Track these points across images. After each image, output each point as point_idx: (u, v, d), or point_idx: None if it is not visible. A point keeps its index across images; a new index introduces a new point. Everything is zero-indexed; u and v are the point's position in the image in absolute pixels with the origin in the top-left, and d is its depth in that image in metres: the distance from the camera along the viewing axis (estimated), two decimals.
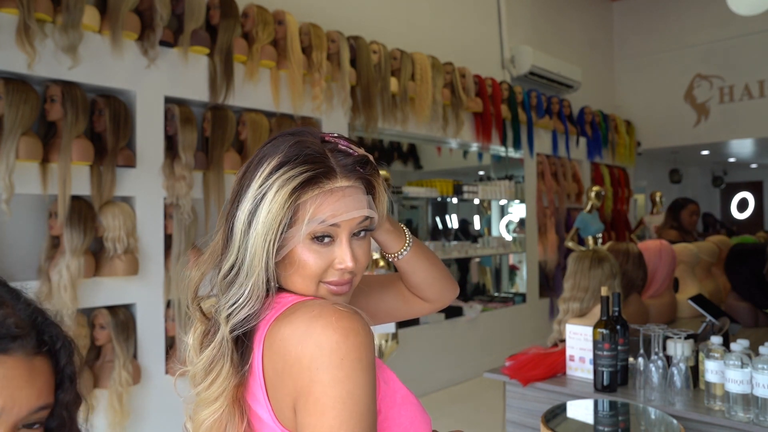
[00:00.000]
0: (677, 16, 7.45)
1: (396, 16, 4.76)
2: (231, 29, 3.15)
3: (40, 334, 0.65)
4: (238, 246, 0.76)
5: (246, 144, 3.25)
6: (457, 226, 6.13)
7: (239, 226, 0.76)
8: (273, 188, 0.74)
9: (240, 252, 0.76)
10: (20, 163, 2.43)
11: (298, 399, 0.68)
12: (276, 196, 0.74)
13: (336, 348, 0.67)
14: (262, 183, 0.75)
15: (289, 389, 0.70)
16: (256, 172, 0.77)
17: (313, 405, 0.66)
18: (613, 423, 1.66)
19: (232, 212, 0.78)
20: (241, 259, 0.76)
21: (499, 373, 2.09)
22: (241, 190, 0.78)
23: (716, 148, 8.31)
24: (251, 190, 0.76)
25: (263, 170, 0.76)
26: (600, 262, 2.24)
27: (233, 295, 0.76)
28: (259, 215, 0.74)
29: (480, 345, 4.96)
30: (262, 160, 0.78)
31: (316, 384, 0.66)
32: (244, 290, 0.75)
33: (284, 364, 0.70)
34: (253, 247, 0.75)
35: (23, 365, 0.62)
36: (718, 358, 1.69)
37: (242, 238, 0.76)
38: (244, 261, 0.76)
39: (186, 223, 2.90)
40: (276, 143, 0.79)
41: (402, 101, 4.24)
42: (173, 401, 2.91)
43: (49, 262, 2.53)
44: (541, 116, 5.75)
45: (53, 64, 2.54)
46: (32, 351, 0.63)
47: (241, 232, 0.76)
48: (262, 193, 0.75)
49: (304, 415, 0.67)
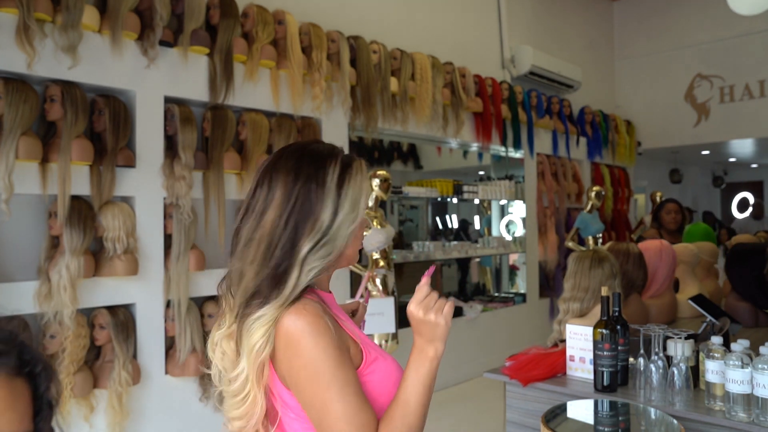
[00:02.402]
0: (677, 16, 7.45)
1: (396, 16, 4.76)
2: (231, 29, 3.14)
3: (21, 353, 0.60)
4: (327, 226, 0.96)
5: (246, 144, 3.25)
6: (457, 226, 6.13)
7: (327, 214, 0.95)
8: (355, 172, 1.00)
9: (331, 231, 0.96)
10: (20, 163, 2.43)
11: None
12: (358, 177, 1.00)
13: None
14: (340, 180, 0.98)
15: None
16: (325, 163, 0.98)
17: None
18: (613, 423, 1.66)
19: (316, 197, 0.96)
20: (335, 229, 0.97)
21: (499, 373, 2.09)
22: (318, 179, 0.97)
23: (716, 148, 8.31)
24: (329, 187, 0.97)
25: (331, 171, 0.98)
26: (600, 262, 2.23)
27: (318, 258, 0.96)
28: (349, 194, 0.98)
29: (480, 345, 4.96)
30: (318, 165, 0.98)
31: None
32: (331, 255, 0.97)
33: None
34: (340, 224, 0.97)
35: (5, 386, 0.57)
36: (718, 358, 1.68)
37: (332, 220, 0.96)
38: (337, 231, 0.97)
39: (186, 223, 2.89)
40: (320, 152, 1.01)
41: (402, 101, 4.23)
42: (173, 401, 2.91)
43: (49, 262, 2.53)
44: (541, 116, 5.75)
45: (53, 63, 2.54)
46: (13, 371, 0.58)
47: (330, 218, 0.96)
48: (348, 177, 0.99)
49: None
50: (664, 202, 4.64)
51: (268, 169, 1.00)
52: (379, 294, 3.49)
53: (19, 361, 0.59)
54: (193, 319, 2.90)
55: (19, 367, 0.59)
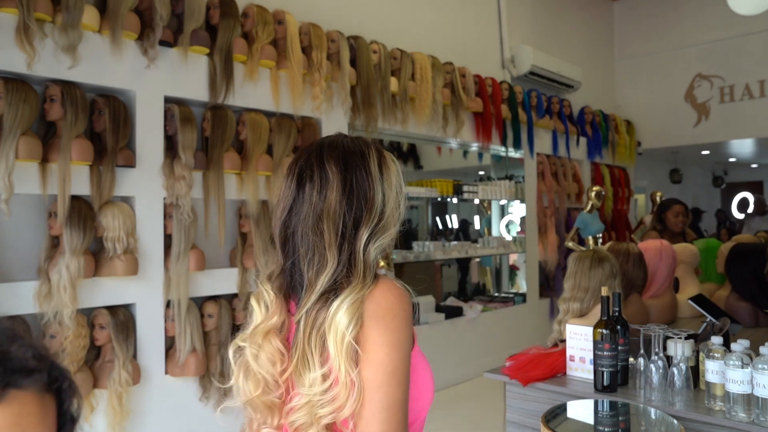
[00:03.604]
0: (677, 16, 7.45)
1: (396, 16, 4.76)
2: (231, 29, 3.14)
3: (51, 370, 0.61)
4: (381, 210, 0.99)
5: (246, 144, 3.25)
6: (457, 226, 6.13)
7: (379, 199, 0.99)
8: (389, 163, 1.03)
9: (385, 214, 1.00)
10: (20, 162, 2.43)
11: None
12: (393, 167, 1.03)
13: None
14: (380, 168, 1.01)
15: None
16: (365, 162, 1.00)
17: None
18: (613, 423, 1.66)
19: (368, 186, 0.99)
20: (389, 213, 1.01)
21: (499, 373, 2.09)
22: (366, 168, 1.00)
23: (716, 148, 8.31)
24: (375, 174, 1.00)
25: (372, 160, 1.01)
26: (600, 262, 2.23)
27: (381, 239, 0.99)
28: (391, 190, 1.01)
29: (480, 345, 4.96)
30: (361, 154, 1.01)
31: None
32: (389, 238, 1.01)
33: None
34: (391, 208, 1.01)
35: (37, 402, 0.58)
36: (718, 358, 1.68)
37: (383, 203, 1.00)
38: (387, 219, 1.00)
39: (186, 223, 2.89)
40: (359, 146, 1.03)
41: (402, 101, 4.23)
42: (173, 401, 2.91)
43: (49, 262, 2.53)
44: (541, 116, 5.75)
45: (53, 63, 2.54)
46: (44, 388, 0.59)
47: (381, 201, 0.99)
48: (386, 167, 1.02)
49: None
50: (670, 203, 4.48)
51: (309, 163, 1.00)
52: None
53: (49, 378, 0.60)
54: (193, 319, 2.90)
55: (49, 384, 0.60)
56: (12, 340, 0.59)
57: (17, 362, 0.57)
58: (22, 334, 0.61)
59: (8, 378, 0.56)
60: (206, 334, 3.00)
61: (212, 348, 3.01)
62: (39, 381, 0.58)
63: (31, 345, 0.60)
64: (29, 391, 0.57)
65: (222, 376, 3.00)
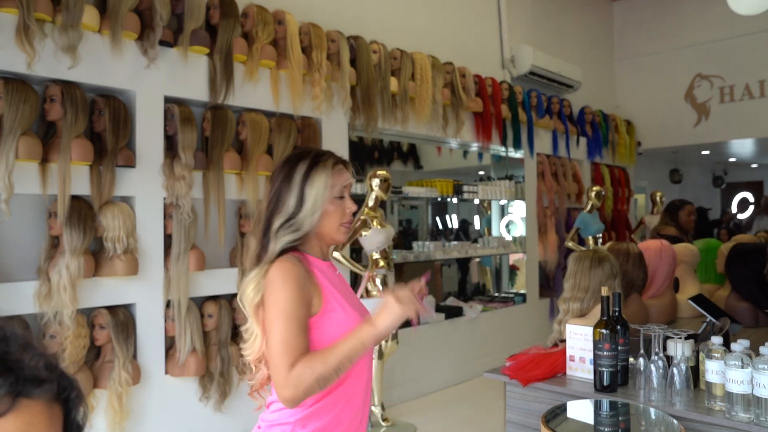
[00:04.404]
0: (677, 16, 7.45)
1: (396, 16, 4.76)
2: (231, 29, 3.14)
3: (60, 379, 0.62)
4: (294, 212, 1.31)
5: (246, 144, 3.25)
6: (457, 226, 6.13)
7: (293, 202, 1.31)
8: (319, 171, 1.32)
9: (298, 215, 1.31)
10: (20, 162, 2.43)
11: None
12: (322, 175, 1.32)
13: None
14: (308, 170, 1.32)
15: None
16: (296, 167, 1.33)
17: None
18: (613, 423, 1.66)
19: (285, 191, 1.32)
20: (302, 213, 1.31)
21: (499, 373, 2.09)
22: (289, 178, 1.32)
23: (716, 148, 8.31)
24: (295, 183, 1.31)
25: (305, 165, 1.32)
26: (600, 262, 2.23)
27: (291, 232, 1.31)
28: (312, 188, 1.31)
29: (480, 345, 4.96)
30: (291, 166, 1.34)
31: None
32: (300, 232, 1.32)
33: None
34: (305, 211, 1.30)
35: (46, 412, 0.59)
36: (718, 359, 1.68)
37: (302, 201, 1.30)
38: (304, 214, 1.31)
39: (186, 223, 2.89)
40: (297, 156, 1.37)
41: (402, 101, 4.23)
42: (173, 401, 2.91)
43: (49, 262, 2.53)
44: (541, 116, 5.75)
45: (53, 63, 2.54)
46: (53, 397, 0.60)
47: (295, 205, 1.31)
48: (311, 176, 1.32)
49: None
50: (681, 203, 4.57)
51: (273, 172, 1.39)
52: (379, 294, 3.49)
53: (58, 388, 0.61)
54: (193, 319, 2.90)
55: (57, 393, 0.61)
56: (24, 349, 0.60)
57: (29, 372, 0.58)
58: (33, 343, 0.62)
59: (21, 387, 0.57)
60: (206, 334, 3.00)
61: (212, 348, 3.01)
62: (49, 391, 0.59)
63: (43, 354, 0.61)
64: (39, 400, 0.58)
65: (222, 377, 3.00)
